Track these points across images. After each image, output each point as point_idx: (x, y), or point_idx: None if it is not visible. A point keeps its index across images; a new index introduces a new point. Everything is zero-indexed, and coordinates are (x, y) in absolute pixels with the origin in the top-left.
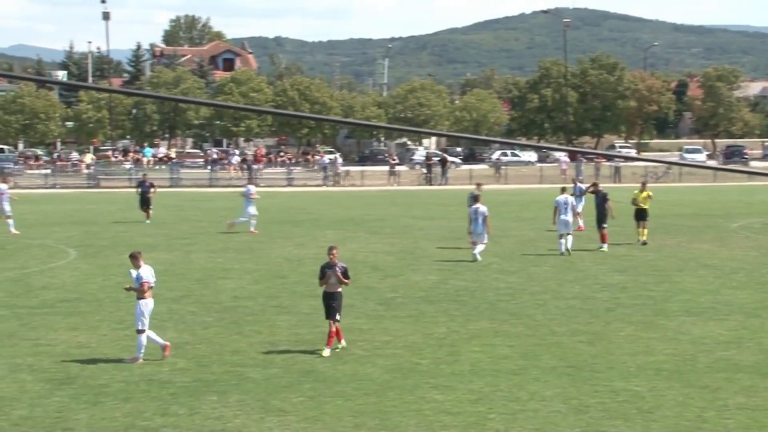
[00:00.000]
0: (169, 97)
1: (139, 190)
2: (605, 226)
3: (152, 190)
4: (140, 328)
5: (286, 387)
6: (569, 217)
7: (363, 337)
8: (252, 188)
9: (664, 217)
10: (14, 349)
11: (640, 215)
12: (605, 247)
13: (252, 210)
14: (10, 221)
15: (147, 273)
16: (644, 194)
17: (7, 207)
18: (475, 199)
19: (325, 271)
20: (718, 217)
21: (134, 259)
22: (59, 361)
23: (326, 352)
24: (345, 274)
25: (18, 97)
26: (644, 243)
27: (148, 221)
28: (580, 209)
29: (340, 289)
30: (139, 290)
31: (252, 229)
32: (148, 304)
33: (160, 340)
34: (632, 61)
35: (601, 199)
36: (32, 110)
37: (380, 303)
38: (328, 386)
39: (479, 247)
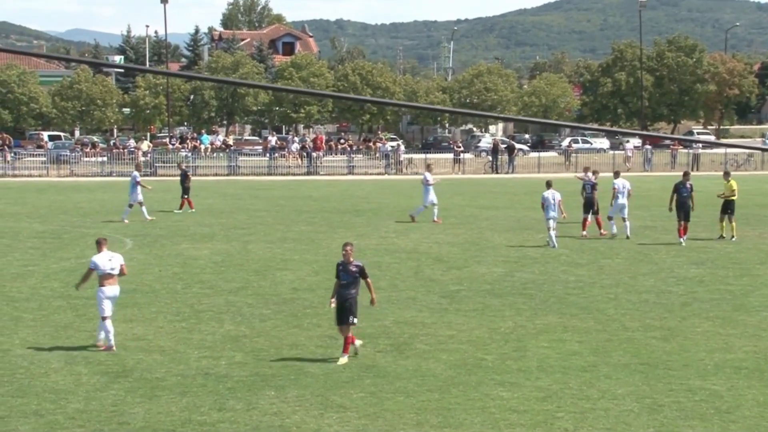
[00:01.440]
0: (230, 80)
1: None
2: (689, 220)
3: (187, 178)
4: (102, 315)
5: (346, 382)
6: (625, 201)
7: (426, 331)
8: (428, 175)
9: (745, 207)
10: (70, 340)
11: (727, 207)
12: (683, 240)
13: (432, 197)
14: (144, 207)
15: (100, 259)
16: (730, 184)
17: (139, 194)
18: (548, 184)
19: (339, 270)
20: None
21: (97, 245)
22: (115, 353)
23: (343, 360)
24: (362, 273)
25: (75, 83)
26: (722, 237)
27: (191, 210)
28: None
29: (353, 291)
30: (85, 276)
31: (435, 218)
32: (105, 292)
33: (111, 339)
34: (712, 43)
35: (689, 191)
36: (89, 96)
37: (444, 296)
38: (389, 382)
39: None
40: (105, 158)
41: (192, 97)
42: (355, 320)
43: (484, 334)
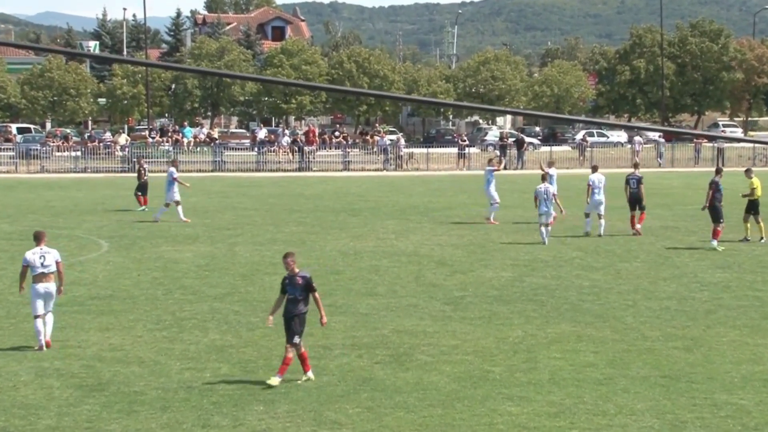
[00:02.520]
0: (214, 71)
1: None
2: (722, 222)
3: (143, 174)
4: (34, 313)
5: (341, 396)
6: (602, 197)
7: (428, 341)
8: (489, 168)
9: None
10: (41, 351)
11: (752, 207)
12: (715, 243)
13: (493, 194)
14: (180, 207)
15: (32, 255)
16: (750, 182)
17: (176, 192)
18: (543, 178)
19: (285, 283)
20: None
21: (35, 239)
22: (90, 365)
23: (275, 380)
24: (309, 285)
25: (46, 71)
26: (747, 239)
27: (143, 209)
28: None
29: (301, 306)
30: (21, 275)
31: (491, 218)
32: (37, 289)
33: (41, 339)
34: (739, 27)
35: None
36: (61, 85)
37: (447, 302)
38: (388, 396)
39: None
40: (79, 153)
41: (174, 86)
42: (298, 339)
43: (491, 344)
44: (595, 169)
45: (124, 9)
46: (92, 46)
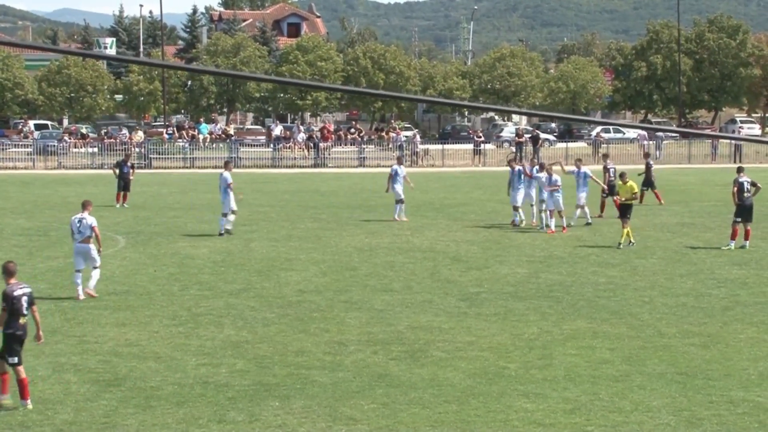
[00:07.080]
0: (228, 72)
1: (117, 171)
2: (738, 220)
3: (132, 171)
4: (75, 268)
5: (356, 392)
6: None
7: (443, 337)
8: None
9: None
10: (58, 346)
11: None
12: (732, 245)
13: (581, 196)
14: (402, 205)
15: (72, 220)
16: (630, 186)
17: (399, 190)
18: (542, 166)
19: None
20: None
21: (82, 206)
22: (106, 360)
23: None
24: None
25: (63, 68)
26: (620, 245)
27: (126, 206)
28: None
29: (21, 321)
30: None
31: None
32: (76, 249)
33: (78, 289)
34: (757, 23)
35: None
36: (78, 82)
37: (462, 299)
38: (403, 392)
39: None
40: (95, 149)
41: (189, 82)
42: (14, 360)
43: (506, 341)
44: (536, 163)
45: (141, 6)
46: (109, 42)
